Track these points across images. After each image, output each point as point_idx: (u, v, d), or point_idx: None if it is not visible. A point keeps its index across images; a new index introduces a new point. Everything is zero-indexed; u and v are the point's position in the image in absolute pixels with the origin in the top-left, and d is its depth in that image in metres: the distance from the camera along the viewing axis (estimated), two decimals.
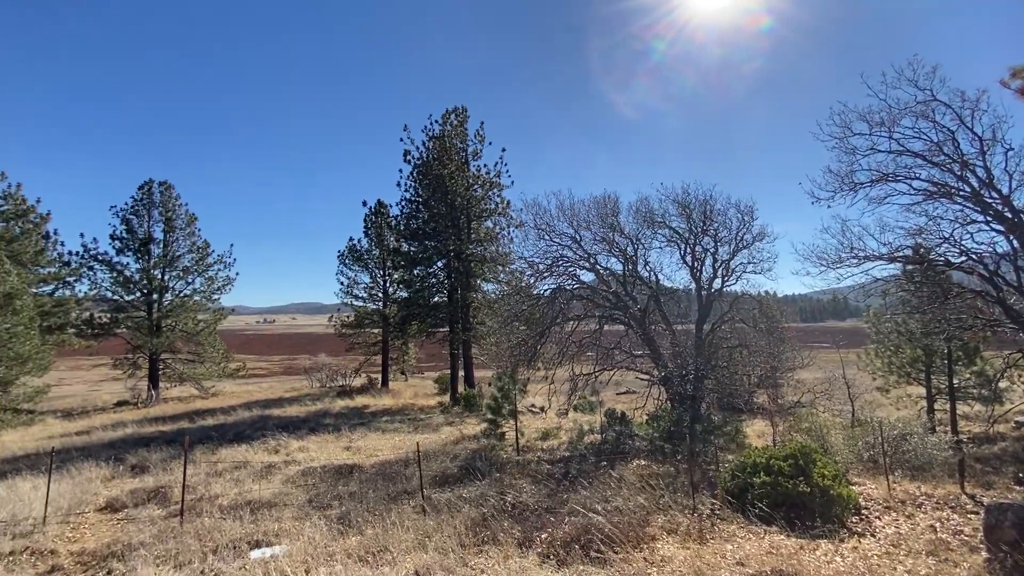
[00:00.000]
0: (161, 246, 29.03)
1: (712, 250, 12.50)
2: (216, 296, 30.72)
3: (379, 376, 30.86)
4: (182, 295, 29.74)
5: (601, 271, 13.51)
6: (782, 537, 5.59)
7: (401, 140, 23.33)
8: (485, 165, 23.84)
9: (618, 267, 13.62)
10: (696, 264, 12.63)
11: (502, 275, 20.85)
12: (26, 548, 5.88)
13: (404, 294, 26.25)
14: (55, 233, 26.82)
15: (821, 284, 10.91)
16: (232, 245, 31.12)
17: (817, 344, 25.35)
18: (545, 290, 14.05)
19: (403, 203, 24.25)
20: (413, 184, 23.82)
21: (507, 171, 23.92)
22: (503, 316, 14.59)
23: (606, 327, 13.87)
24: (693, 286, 12.74)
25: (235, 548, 5.63)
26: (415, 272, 24.39)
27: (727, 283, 12.55)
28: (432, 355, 34.31)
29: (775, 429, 11.75)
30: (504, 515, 6.49)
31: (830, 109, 9.71)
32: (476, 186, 23.51)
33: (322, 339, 64.51)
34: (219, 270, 30.43)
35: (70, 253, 27.53)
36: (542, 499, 7.30)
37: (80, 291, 27.97)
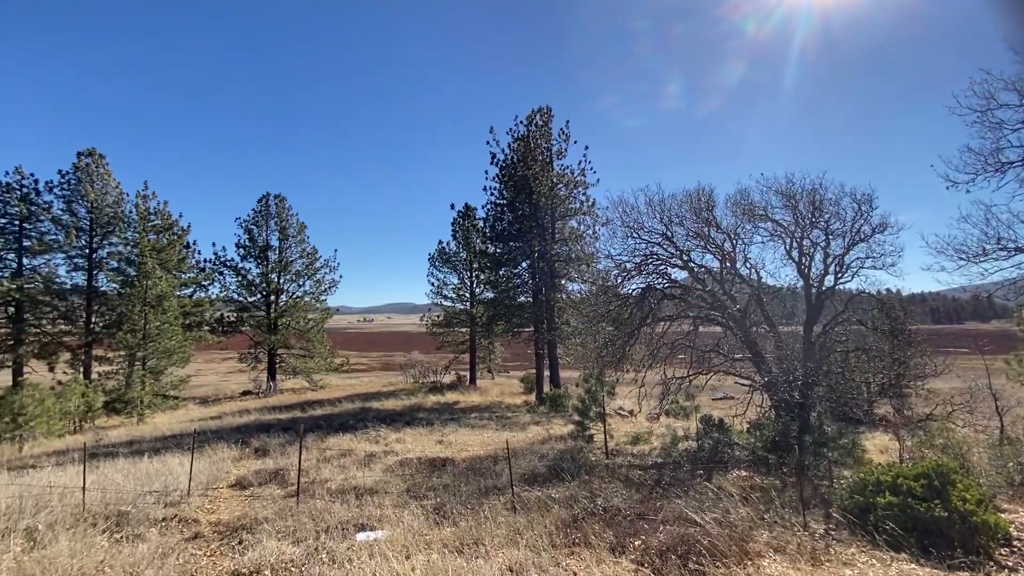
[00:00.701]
0: (277, 252, 32.29)
1: (823, 244, 11.34)
2: (323, 297, 33.57)
3: (467, 374, 31.86)
4: (294, 296, 32.85)
5: (695, 269, 12.82)
6: (913, 566, 4.92)
7: (487, 143, 23.92)
8: (569, 165, 23.72)
9: (714, 264, 12.84)
10: (804, 260, 11.53)
11: (587, 275, 20.57)
12: (175, 516, 6.79)
13: (490, 295, 26.89)
14: (194, 243, 30.88)
15: (960, 280, 9.46)
16: (336, 251, 33.86)
17: (954, 349, 22.10)
18: (634, 289, 13.62)
19: (489, 206, 24.84)
20: (498, 186, 24.31)
21: (591, 168, 23.60)
22: (589, 316, 14.38)
23: (701, 328, 13.13)
24: (800, 284, 11.64)
25: (343, 529, 6.08)
26: (501, 273, 24.86)
27: (841, 280, 11.31)
28: (517, 354, 34.80)
29: (901, 444, 10.39)
30: (595, 518, 6.37)
31: (969, 79, 8.39)
32: (560, 186, 23.45)
33: (415, 337, 68.04)
34: (325, 273, 33.22)
35: (205, 260, 31.57)
36: (634, 504, 7.07)
37: (213, 293, 31.98)
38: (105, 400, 21.28)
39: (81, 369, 26.12)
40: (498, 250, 25.04)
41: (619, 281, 13.82)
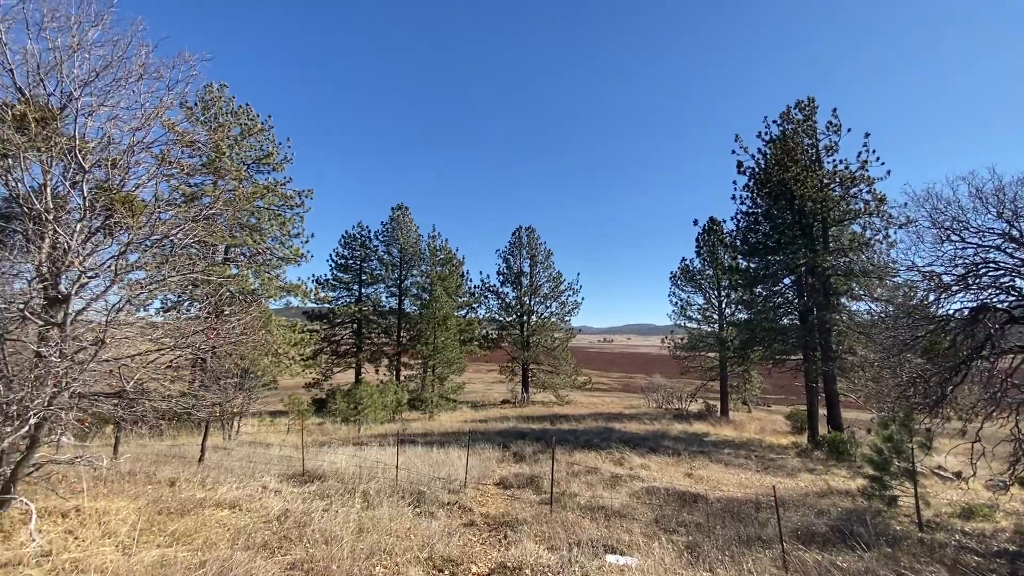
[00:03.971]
0: (528, 278, 35.93)
1: None
2: (567, 318, 35.72)
3: (717, 403, 29.11)
4: (543, 317, 35.86)
5: None
6: None
7: (733, 152, 21.87)
8: (844, 159, 19.68)
9: None
10: None
11: (878, 291, 16.48)
12: (456, 503, 8.00)
13: (743, 316, 24.09)
14: (466, 273, 36.91)
15: None
16: (579, 274, 35.78)
17: None
18: (957, 310, 10.26)
19: (738, 217, 22.50)
20: (750, 195, 21.85)
21: (877, 160, 19.05)
22: (885, 344, 11.40)
23: None
24: None
25: (592, 547, 6.13)
26: (756, 291, 22.07)
27: None
28: (780, 386, 30.12)
29: None
30: None
31: None
32: (833, 185, 19.64)
33: (656, 360, 65.97)
34: (569, 295, 35.35)
35: (474, 286, 37.34)
36: None
37: (480, 314, 37.46)
38: (408, 398, 27.02)
39: (394, 372, 33.89)
40: (752, 265, 22.36)
41: (931, 299, 10.61)
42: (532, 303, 36.26)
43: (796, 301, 20.68)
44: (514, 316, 36.92)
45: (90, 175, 6.08)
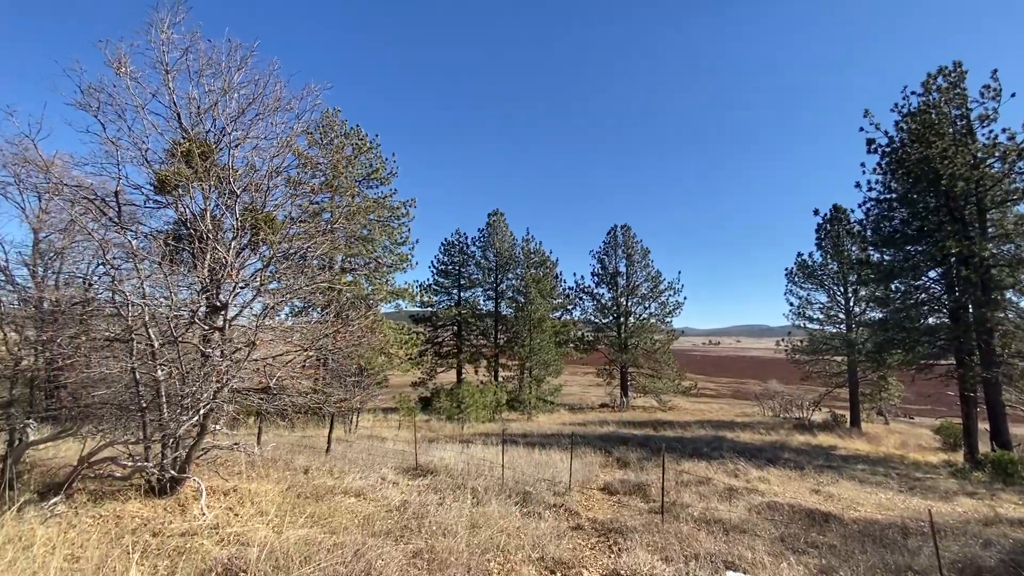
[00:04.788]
0: (624, 278, 34.98)
1: None
2: (668, 319, 34.20)
3: (845, 413, 26.07)
4: (641, 318, 34.68)
5: None
6: None
7: (861, 129, 19.45)
8: (1007, 129, 16.63)
9: None
10: None
11: None
12: (562, 505, 7.98)
13: (877, 314, 21.32)
14: (560, 274, 36.87)
15: None
16: (680, 272, 34.04)
17: None
18: None
19: (868, 204, 19.94)
20: (882, 178, 19.29)
21: None
22: None
23: None
24: None
25: (711, 562, 5.77)
26: (893, 287, 19.43)
27: None
28: (926, 395, 26.17)
29: None
30: None
31: None
32: (991, 160, 16.70)
33: (770, 364, 60.83)
34: (669, 296, 33.82)
35: (568, 288, 37.17)
36: None
37: (575, 316, 37.18)
38: (507, 399, 27.58)
39: (493, 373, 34.81)
40: (886, 257, 19.71)
41: None
42: (629, 304, 35.22)
43: (945, 297, 17.87)
44: (610, 318, 36.12)
45: (240, 199, 7.01)
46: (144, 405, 5.90)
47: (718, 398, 44.50)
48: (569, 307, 37.35)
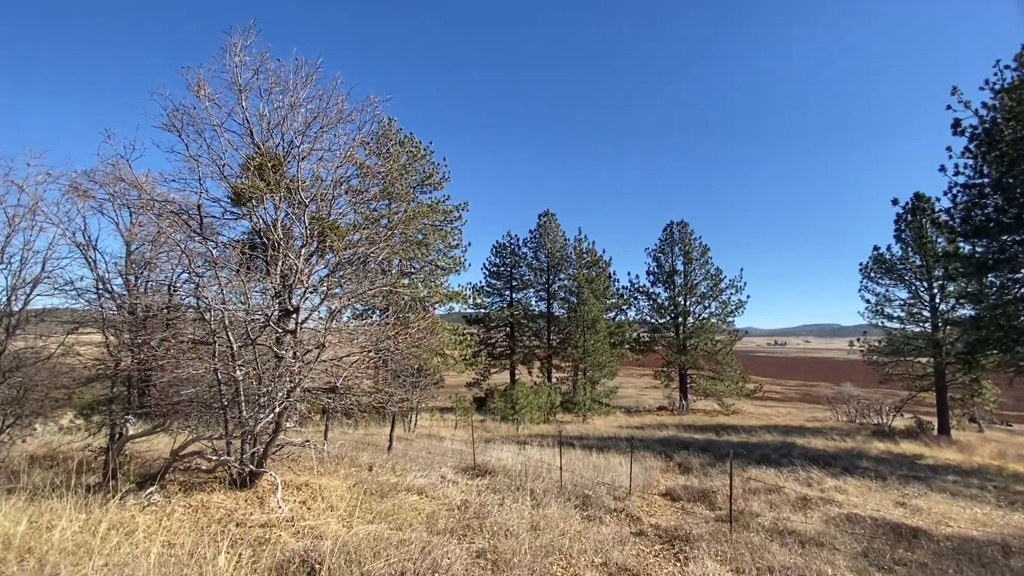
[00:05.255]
0: (682, 276, 33.87)
1: None
2: (730, 319, 32.82)
3: (932, 419, 23.94)
4: (701, 318, 33.45)
5: None
6: None
7: (948, 107, 17.79)
8: None
9: None
10: None
11: None
12: (622, 509, 7.82)
13: (968, 312, 19.42)
14: (614, 274, 36.23)
15: None
16: (742, 270, 32.57)
17: None
18: None
19: (955, 191, 18.17)
20: (972, 161, 17.55)
21: None
22: None
23: None
24: None
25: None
26: (987, 281, 17.64)
27: None
28: None
29: None
30: None
31: None
32: None
33: (843, 366, 56.98)
34: (731, 294, 32.42)
35: (623, 288, 36.44)
36: None
37: (630, 316, 36.41)
38: (561, 400, 27.40)
39: (546, 374, 34.70)
40: (979, 249, 17.92)
41: None
42: (688, 303, 34.04)
43: None
44: (667, 318, 35.07)
45: (308, 209, 7.38)
46: (225, 403, 6.33)
47: (785, 402, 42.12)
48: (624, 307, 36.63)
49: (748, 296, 32.67)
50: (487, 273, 37.44)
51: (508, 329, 36.80)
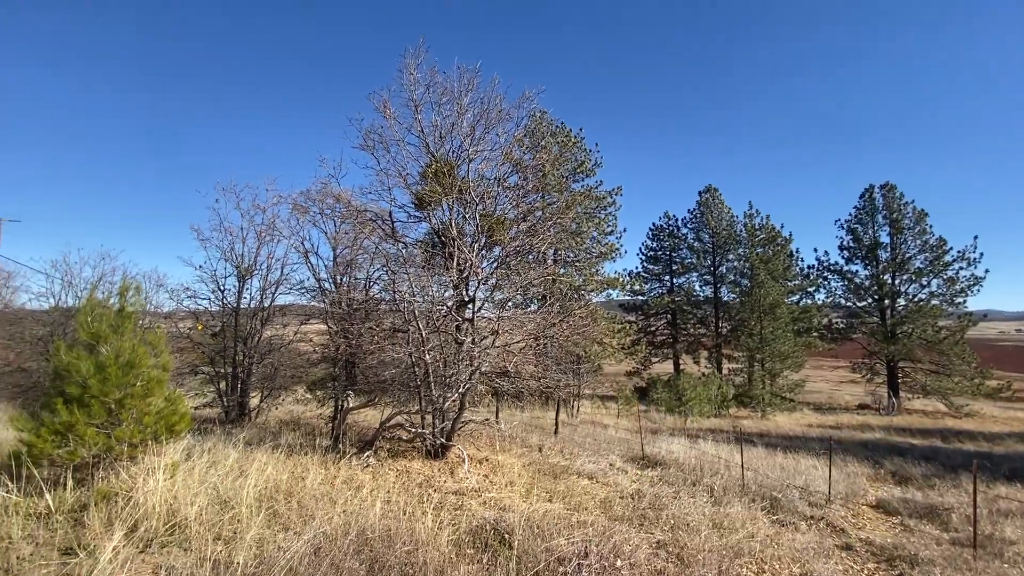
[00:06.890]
0: (888, 250, 28.31)
1: None
2: (959, 300, 26.48)
3: None
4: (916, 299, 27.62)
5: None
6: None
7: None
8: None
9: None
10: None
11: None
12: (821, 517, 6.89)
13: None
14: (796, 251, 31.83)
15: None
16: (976, 238, 25.96)
17: None
18: None
19: None
20: None
21: None
22: None
23: None
24: None
25: None
26: None
27: None
28: None
29: None
30: None
31: None
32: None
33: None
34: (960, 269, 26.12)
35: (808, 267, 31.84)
36: None
37: (818, 299, 31.69)
38: (734, 393, 25.17)
39: (715, 365, 32.18)
40: None
41: None
42: (896, 282, 28.26)
43: None
44: (868, 300, 29.62)
45: (477, 207, 7.98)
46: (418, 383, 7.23)
47: None
48: (810, 289, 32.02)
49: (988, 271, 25.81)
50: (644, 258, 36.08)
51: (669, 316, 35.00)
